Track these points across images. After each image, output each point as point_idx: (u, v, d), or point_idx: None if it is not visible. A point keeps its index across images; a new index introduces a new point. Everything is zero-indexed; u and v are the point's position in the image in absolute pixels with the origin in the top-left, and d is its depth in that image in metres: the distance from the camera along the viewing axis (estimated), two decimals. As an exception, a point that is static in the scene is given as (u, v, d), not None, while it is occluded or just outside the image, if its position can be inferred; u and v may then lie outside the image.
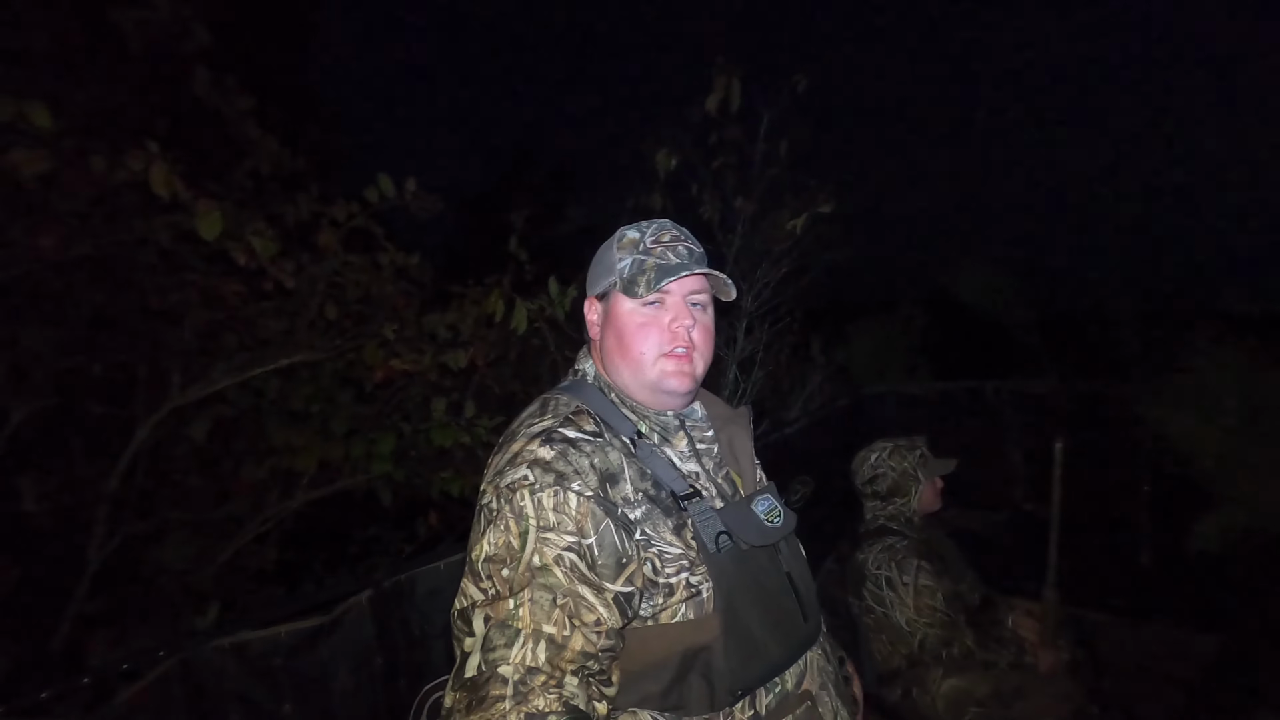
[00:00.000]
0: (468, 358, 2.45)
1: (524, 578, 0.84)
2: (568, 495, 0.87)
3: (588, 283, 1.10)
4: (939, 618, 1.99)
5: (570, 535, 0.86)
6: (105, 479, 2.16)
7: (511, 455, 0.92)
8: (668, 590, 0.91)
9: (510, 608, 0.82)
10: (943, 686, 2.02)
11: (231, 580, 2.61)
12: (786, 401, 3.98)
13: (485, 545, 0.87)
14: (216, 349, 2.33)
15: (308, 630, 1.48)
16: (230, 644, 1.36)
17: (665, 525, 0.94)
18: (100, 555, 2.12)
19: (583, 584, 0.85)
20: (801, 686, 1.00)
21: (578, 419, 0.97)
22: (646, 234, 1.05)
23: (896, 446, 2.22)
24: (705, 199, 3.07)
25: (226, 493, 2.48)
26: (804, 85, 2.90)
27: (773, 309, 3.30)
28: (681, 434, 1.06)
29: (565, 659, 0.81)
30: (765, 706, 0.96)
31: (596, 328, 1.08)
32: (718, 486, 1.04)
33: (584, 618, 0.84)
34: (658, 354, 1.01)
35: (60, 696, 1.24)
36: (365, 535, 3.18)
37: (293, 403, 2.50)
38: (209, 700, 1.33)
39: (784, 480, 3.12)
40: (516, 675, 0.78)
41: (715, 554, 0.94)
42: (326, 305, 2.31)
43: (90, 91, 2.14)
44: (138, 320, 2.21)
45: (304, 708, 1.45)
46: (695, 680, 0.92)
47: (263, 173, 2.39)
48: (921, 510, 2.19)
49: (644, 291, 1.00)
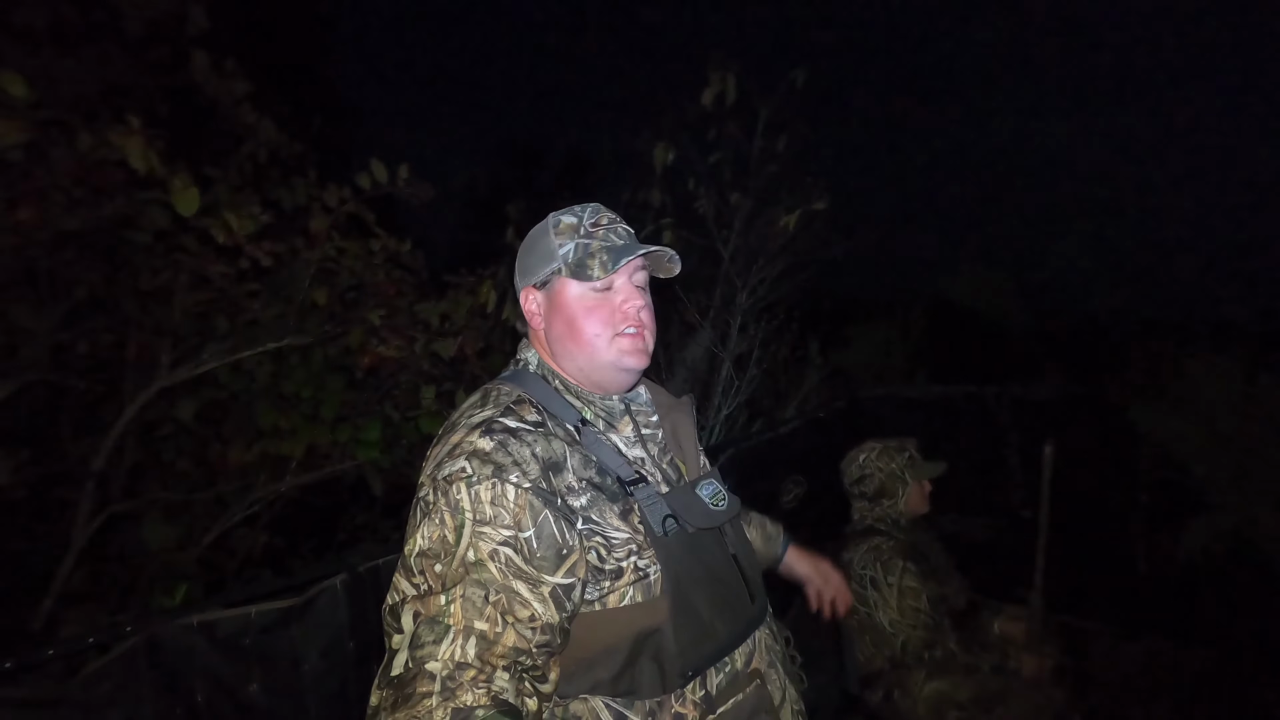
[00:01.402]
0: (456, 346, 2.45)
1: (457, 573, 0.82)
2: (505, 487, 0.86)
3: (520, 272, 1.08)
4: (922, 619, 1.98)
5: (507, 529, 0.84)
6: (92, 457, 2.17)
7: (450, 447, 0.91)
8: (615, 574, 0.91)
9: (441, 604, 0.81)
10: (925, 689, 2.00)
11: (218, 562, 2.62)
12: (783, 401, 3.97)
13: (419, 539, 0.86)
14: (207, 330, 2.34)
15: (279, 611, 1.47)
16: (199, 622, 1.35)
17: (611, 511, 0.94)
18: (85, 533, 2.13)
19: (518, 579, 0.83)
20: (751, 665, 1.02)
21: (519, 408, 0.96)
22: (584, 218, 1.03)
23: (885, 448, 2.21)
24: (702, 194, 3.06)
25: (214, 475, 2.49)
26: (802, 81, 2.89)
27: (769, 306, 3.29)
28: (627, 419, 1.07)
29: (496, 654, 0.80)
30: (716, 686, 0.96)
31: (538, 317, 1.06)
32: (663, 472, 1.05)
33: (518, 613, 0.82)
34: (612, 334, 1.01)
35: (27, 668, 1.24)
36: (354, 523, 3.18)
37: (283, 387, 2.51)
38: (176, 677, 1.32)
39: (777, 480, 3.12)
40: (444, 671, 0.77)
41: (662, 537, 0.94)
42: (317, 289, 2.31)
43: (89, 72, 2.15)
44: (129, 299, 2.21)
45: (272, 688, 1.44)
46: (646, 664, 0.92)
47: (259, 158, 2.40)
48: (909, 512, 2.18)
49: (599, 273, 0.99)
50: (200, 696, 1.35)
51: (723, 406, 3.25)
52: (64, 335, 2.17)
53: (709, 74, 2.76)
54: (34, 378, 2.08)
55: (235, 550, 2.68)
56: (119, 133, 1.58)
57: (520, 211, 2.85)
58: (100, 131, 1.61)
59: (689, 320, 3.22)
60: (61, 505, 2.20)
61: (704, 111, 2.85)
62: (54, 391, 2.24)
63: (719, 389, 3.22)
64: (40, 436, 2.24)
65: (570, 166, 14.98)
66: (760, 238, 3.08)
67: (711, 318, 3.26)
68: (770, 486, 3.07)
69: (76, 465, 2.20)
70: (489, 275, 2.65)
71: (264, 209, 2.16)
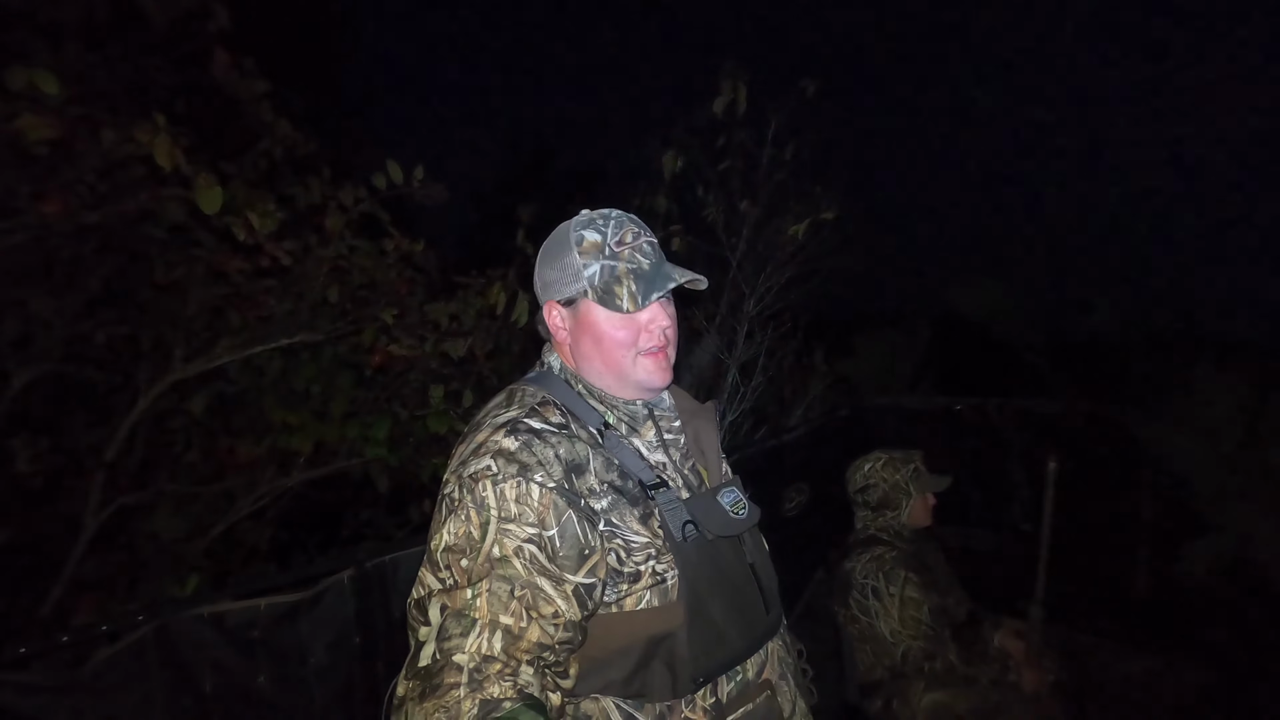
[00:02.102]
0: (466, 346, 2.47)
1: (483, 568, 0.83)
2: (530, 486, 0.87)
3: (544, 286, 1.04)
4: (923, 630, 1.98)
5: (531, 527, 0.85)
6: (104, 447, 2.19)
7: (476, 445, 0.91)
8: (633, 577, 0.92)
9: (468, 598, 0.82)
10: (924, 700, 2.00)
11: (225, 555, 2.64)
12: (787, 409, 3.97)
13: (445, 535, 0.87)
14: (220, 325, 2.37)
15: (287, 604, 1.49)
16: (208, 613, 1.37)
17: (631, 515, 0.94)
18: (95, 522, 2.15)
19: (542, 576, 0.84)
20: (762, 676, 1.02)
21: (543, 410, 0.97)
22: (609, 235, 1.00)
23: (890, 458, 2.21)
24: (710, 201, 3.07)
25: (223, 468, 2.51)
26: (813, 90, 2.90)
27: (776, 314, 3.30)
28: (650, 424, 1.07)
29: (521, 649, 0.81)
30: (726, 694, 0.97)
31: (564, 331, 1.04)
32: (684, 477, 1.05)
33: (542, 610, 0.83)
34: (637, 353, 1.01)
35: (39, 655, 1.26)
36: (359, 519, 3.20)
37: (293, 383, 2.53)
38: (184, 666, 1.35)
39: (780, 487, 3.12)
40: (472, 664, 0.78)
41: (681, 543, 0.95)
42: (330, 287, 2.34)
43: (114, 69, 2.19)
44: (144, 292, 2.24)
45: (279, 679, 1.46)
46: (658, 667, 0.92)
47: (275, 156, 2.43)
48: (912, 524, 2.17)
49: (629, 306, 0.97)
50: (208, 686, 1.37)
51: (728, 413, 3.25)
52: (81, 326, 2.20)
53: (720, 82, 2.78)
54: (51, 367, 2.11)
55: (242, 543, 2.71)
56: (144, 129, 1.61)
57: (531, 215, 2.86)
58: (125, 128, 1.65)
59: (695, 326, 3.23)
60: (73, 493, 2.23)
61: (714, 119, 2.87)
62: (69, 381, 2.27)
63: (724, 395, 3.23)
64: (55, 425, 2.27)
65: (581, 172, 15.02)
66: (768, 246, 3.10)
67: (718, 324, 3.27)
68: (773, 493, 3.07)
69: (88, 454, 2.22)
70: (499, 278, 2.67)
71: (278, 206, 2.19)
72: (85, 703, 1.23)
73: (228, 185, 2.11)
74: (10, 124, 1.48)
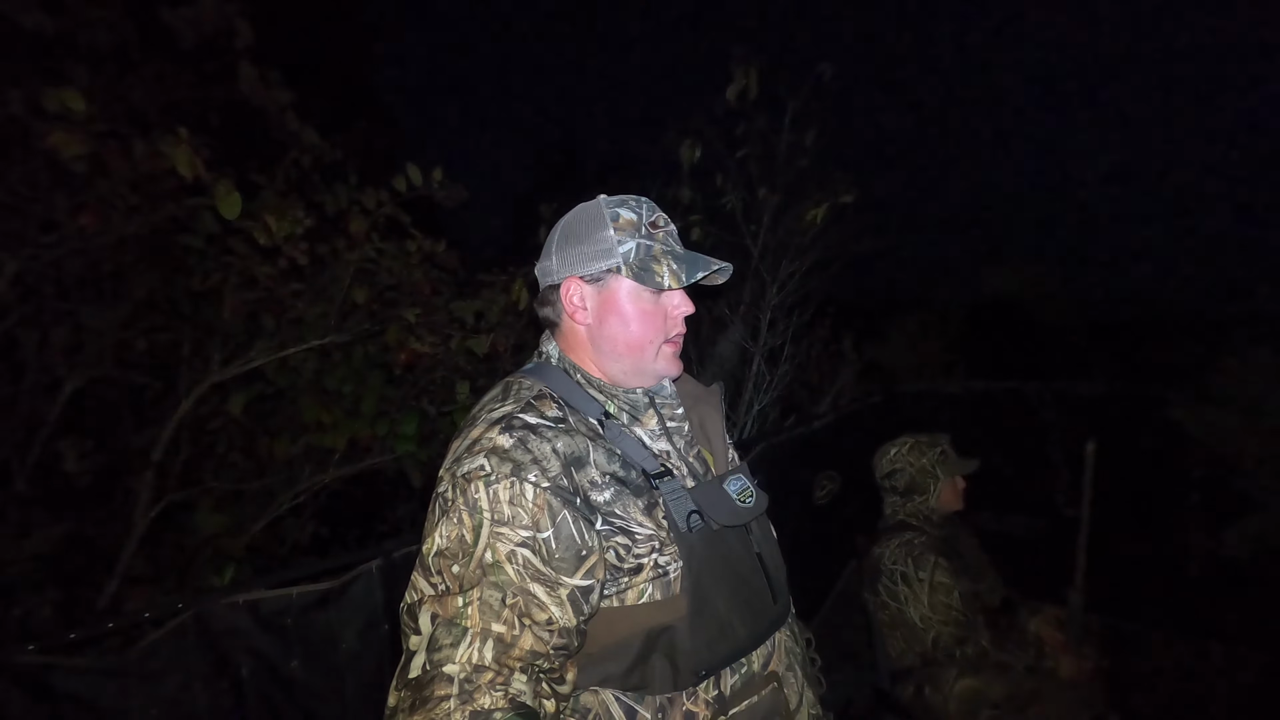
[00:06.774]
0: (490, 343, 2.51)
1: (474, 575, 0.82)
2: (524, 486, 0.85)
3: (565, 261, 1.00)
4: (954, 616, 1.95)
5: (525, 530, 0.84)
6: (152, 448, 2.31)
7: (470, 442, 0.90)
8: (634, 570, 0.90)
9: (459, 605, 0.81)
10: (956, 686, 1.97)
11: (269, 549, 2.75)
12: (817, 397, 3.93)
13: (437, 538, 0.85)
14: (255, 329, 2.46)
15: (318, 593, 1.55)
16: (243, 600, 1.44)
17: (635, 506, 0.92)
18: (145, 519, 2.27)
19: (535, 581, 0.83)
20: (768, 668, 0.99)
21: (540, 403, 0.95)
22: (644, 216, 0.99)
23: (916, 443, 2.18)
24: (730, 190, 3.06)
25: (262, 466, 2.61)
26: (830, 74, 2.85)
27: (799, 301, 3.26)
28: (651, 412, 1.04)
29: (513, 657, 0.80)
30: (730, 687, 0.94)
31: (583, 311, 1.00)
32: (689, 465, 1.02)
33: (535, 616, 0.82)
34: (660, 341, 1.00)
35: (89, 640, 1.34)
36: (396, 515, 3.29)
37: (326, 382, 2.61)
38: (222, 651, 1.41)
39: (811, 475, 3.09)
40: (462, 674, 0.77)
41: (686, 533, 0.93)
42: (357, 289, 2.41)
43: (147, 88, 2.29)
44: (183, 300, 2.35)
45: (312, 665, 1.52)
46: (659, 660, 0.91)
47: (303, 164, 2.51)
48: (941, 509, 2.14)
49: (671, 282, 0.95)
50: (245, 671, 1.43)
51: (755, 402, 3.24)
52: (125, 334, 2.32)
53: (732, 70, 2.75)
54: (100, 373, 2.23)
55: (284, 538, 2.82)
56: (168, 142, 1.69)
57: (553, 212, 2.90)
58: (153, 141, 1.73)
59: (718, 316, 3.22)
60: (123, 493, 2.35)
61: (730, 108, 2.85)
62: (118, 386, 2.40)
63: (750, 384, 3.22)
64: (105, 429, 2.40)
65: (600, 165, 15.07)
66: (789, 232, 3.06)
67: (742, 313, 3.25)
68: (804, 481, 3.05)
69: (137, 456, 2.34)
70: (521, 274, 2.71)
71: (307, 213, 2.27)
72: (132, 685, 1.30)
73: (258, 195, 2.19)
74: (45, 141, 1.57)
